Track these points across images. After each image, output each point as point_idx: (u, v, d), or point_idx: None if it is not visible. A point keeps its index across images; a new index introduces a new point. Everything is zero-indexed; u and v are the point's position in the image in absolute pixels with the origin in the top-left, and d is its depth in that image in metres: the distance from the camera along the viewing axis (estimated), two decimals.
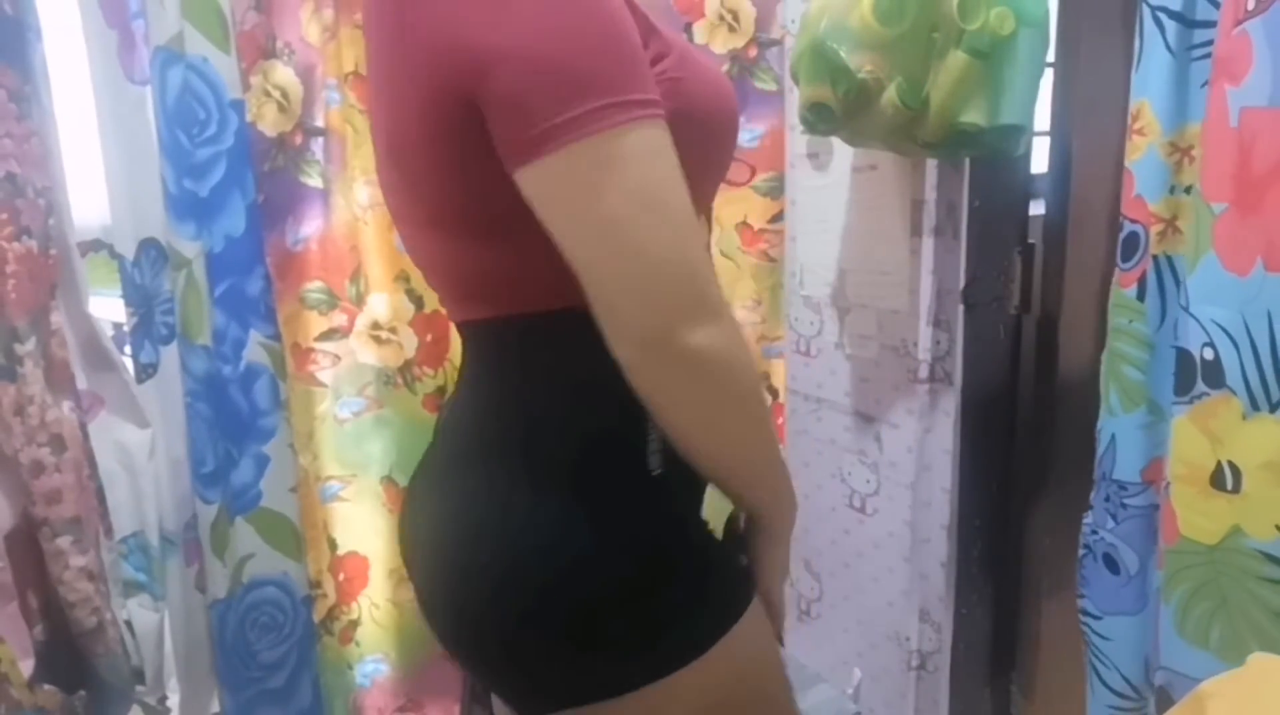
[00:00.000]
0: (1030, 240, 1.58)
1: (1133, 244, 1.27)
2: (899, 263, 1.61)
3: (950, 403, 1.58)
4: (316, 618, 1.63)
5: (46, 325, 1.26)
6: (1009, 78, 1.29)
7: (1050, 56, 1.45)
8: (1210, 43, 1.16)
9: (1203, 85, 1.19)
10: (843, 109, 1.32)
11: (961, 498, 1.61)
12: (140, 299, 1.43)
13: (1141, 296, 1.28)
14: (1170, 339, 1.26)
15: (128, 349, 1.47)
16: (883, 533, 1.72)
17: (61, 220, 1.32)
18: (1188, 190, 1.23)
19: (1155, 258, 1.26)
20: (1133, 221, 1.26)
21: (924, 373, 1.59)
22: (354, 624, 1.68)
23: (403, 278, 1.60)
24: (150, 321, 1.45)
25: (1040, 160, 1.57)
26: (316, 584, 1.63)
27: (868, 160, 1.64)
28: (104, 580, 1.35)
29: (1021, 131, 1.34)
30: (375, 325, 1.60)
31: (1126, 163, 1.26)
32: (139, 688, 1.45)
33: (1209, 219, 1.11)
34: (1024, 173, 1.57)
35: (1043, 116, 1.49)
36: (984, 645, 1.70)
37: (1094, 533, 1.36)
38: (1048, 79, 1.47)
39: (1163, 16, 1.20)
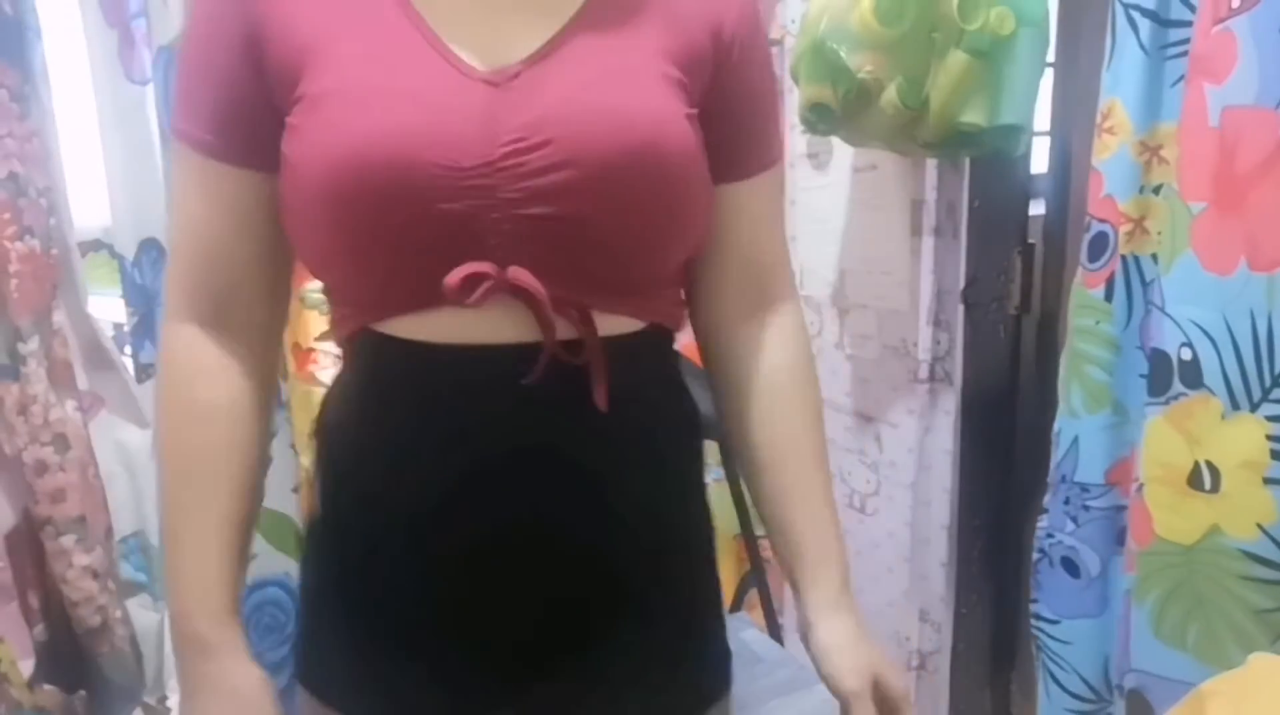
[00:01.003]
0: (1030, 240, 1.58)
1: (1101, 244, 1.27)
2: (899, 263, 1.61)
3: (950, 403, 1.58)
4: None
5: (49, 325, 1.26)
6: (1009, 78, 1.29)
7: (1050, 56, 1.45)
8: (1184, 42, 1.15)
9: (1174, 84, 1.18)
10: (843, 109, 1.32)
11: (961, 498, 1.62)
12: (140, 299, 1.43)
13: (1109, 297, 1.27)
14: (1136, 340, 1.26)
15: (128, 349, 1.47)
16: (883, 533, 1.73)
17: (62, 220, 1.32)
18: (1157, 190, 1.22)
19: (1124, 258, 1.25)
20: (1101, 221, 1.25)
21: (924, 373, 1.59)
22: None
23: None
24: (150, 321, 1.45)
25: (1040, 160, 1.57)
26: None
27: (868, 160, 1.64)
28: (109, 578, 1.35)
29: (1021, 131, 1.34)
30: None
31: (1094, 162, 1.26)
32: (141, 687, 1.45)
33: (1186, 218, 1.10)
34: (1024, 173, 1.57)
35: (1043, 116, 1.49)
36: (984, 645, 1.70)
37: (1049, 536, 1.35)
38: (1048, 79, 1.47)
39: (1136, 15, 1.19)
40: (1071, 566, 1.34)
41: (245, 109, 0.78)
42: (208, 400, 0.82)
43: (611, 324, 0.80)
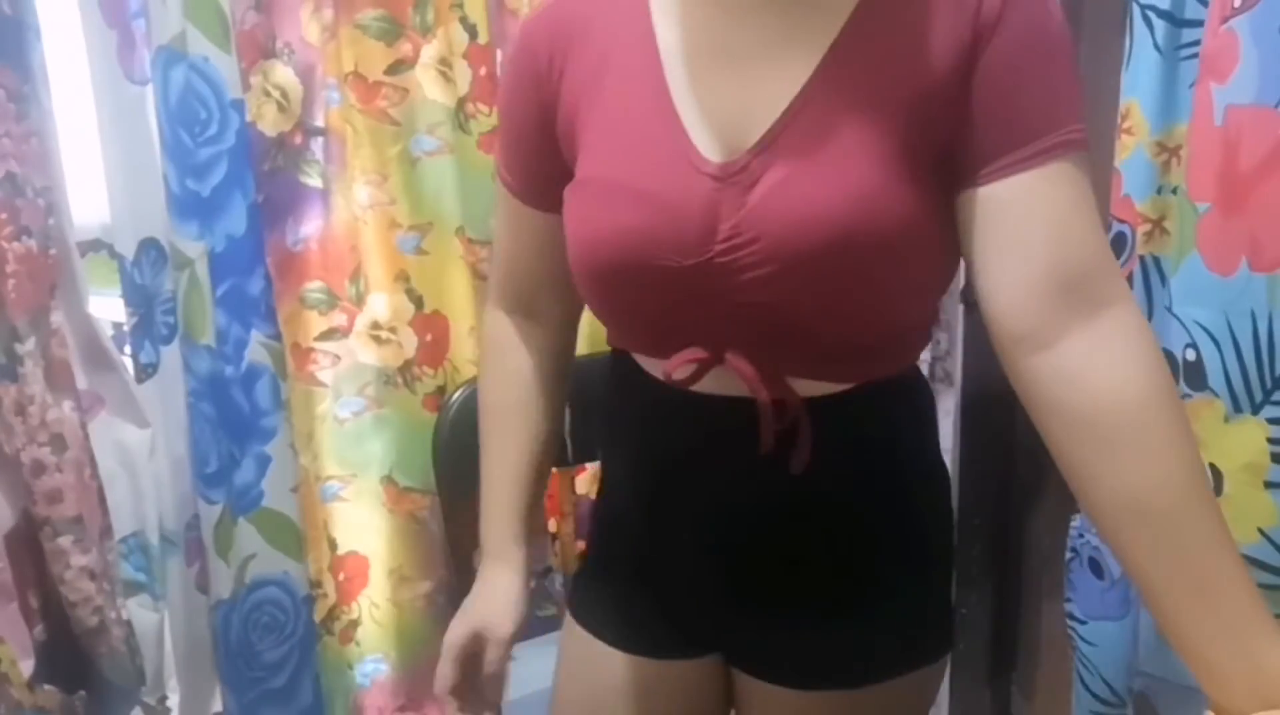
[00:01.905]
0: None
1: (1119, 244, 1.27)
2: None
3: (950, 403, 1.58)
4: (317, 617, 1.63)
5: (47, 325, 1.26)
6: None
7: None
8: (1199, 42, 1.16)
9: (1191, 85, 1.18)
10: None
11: (961, 498, 1.61)
12: (140, 299, 1.44)
13: None
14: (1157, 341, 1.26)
15: (128, 349, 1.47)
16: None
17: (61, 220, 1.32)
18: (1175, 191, 1.22)
19: (1142, 258, 1.25)
20: (1120, 221, 1.26)
21: (924, 373, 1.59)
22: (354, 624, 1.68)
23: (402, 278, 1.60)
24: (150, 321, 1.45)
25: None
26: (317, 584, 1.63)
27: None
28: (106, 579, 1.35)
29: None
30: (375, 325, 1.60)
31: (1115, 163, 1.26)
32: (140, 688, 1.45)
33: (1193, 218, 1.10)
34: None
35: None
36: (984, 645, 1.70)
37: (1080, 536, 1.35)
38: None
39: (1152, 15, 1.19)
40: (1097, 567, 1.34)
41: (540, 164, 0.94)
42: (513, 368, 1.05)
43: (822, 387, 0.87)
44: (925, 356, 1.58)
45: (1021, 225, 0.78)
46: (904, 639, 0.96)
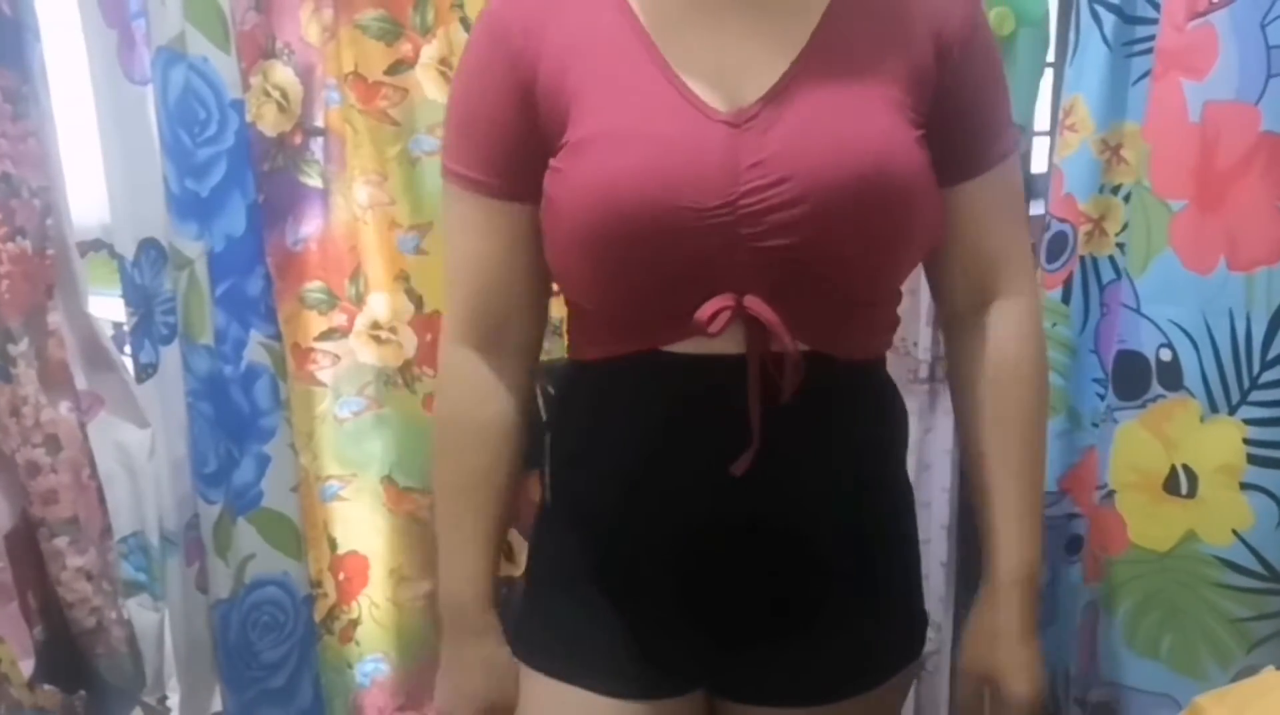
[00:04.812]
0: (1030, 240, 1.57)
1: (1060, 244, 1.25)
2: None
3: (950, 403, 1.57)
4: (317, 617, 1.63)
5: (43, 326, 1.26)
6: (1009, 78, 1.29)
7: (1050, 56, 1.44)
8: (1149, 39, 1.14)
9: (1136, 82, 1.17)
10: None
11: (962, 498, 1.61)
12: (140, 299, 1.44)
13: (1067, 298, 1.25)
14: (1090, 344, 1.24)
15: (128, 349, 1.47)
16: None
17: (60, 220, 1.32)
18: (1115, 190, 1.21)
19: (1082, 259, 1.24)
20: (1061, 220, 1.24)
21: (924, 373, 1.59)
22: (354, 623, 1.68)
23: (402, 277, 1.60)
24: (150, 321, 1.45)
25: (1040, 160, 1.56)
26: (317, 583, 1.63)
27: None
28: (105, 580, 1.35)
29: (1021, 131, 1.33)
30: (375, 325, 1.60)
31: (1056, 160, 1.24)
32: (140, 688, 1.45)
33: (1164, 217, 1.08)
34: (1024, 173, 1.56)
35: (1043, 116, 1.49)
36: None
37: None
38: (1047, 79, 1.47)
39: (1100, 10, 1.18)
40: None
41: (517, 149, 0.90)
42: (483, 421, 0.97)
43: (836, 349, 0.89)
44: (925, 356, 1.58)
45: (975, 215, 0.93)
46: (883, 645, 0.98)
